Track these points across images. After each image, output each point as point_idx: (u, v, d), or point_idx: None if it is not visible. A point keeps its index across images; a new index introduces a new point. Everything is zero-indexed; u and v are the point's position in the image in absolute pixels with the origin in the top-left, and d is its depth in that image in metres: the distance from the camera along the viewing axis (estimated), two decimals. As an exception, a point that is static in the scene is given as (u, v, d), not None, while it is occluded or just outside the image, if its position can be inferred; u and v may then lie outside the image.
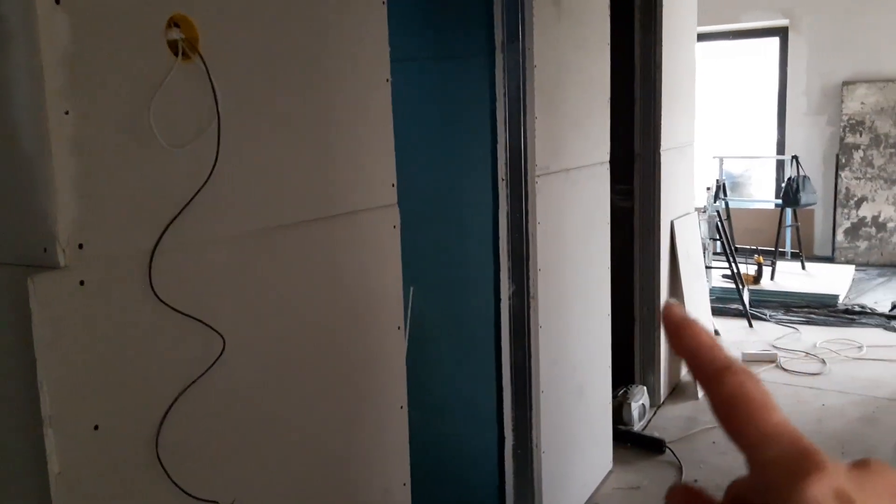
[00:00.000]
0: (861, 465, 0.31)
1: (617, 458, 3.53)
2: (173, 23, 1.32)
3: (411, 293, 2.95)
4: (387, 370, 1.89)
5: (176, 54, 1.32)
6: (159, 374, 1.33)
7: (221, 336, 1.36)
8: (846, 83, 7.39)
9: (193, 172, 1.35)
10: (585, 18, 3.02)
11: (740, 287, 5.61)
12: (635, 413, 3.87)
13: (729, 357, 0.33)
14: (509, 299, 2.73)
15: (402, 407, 1.93)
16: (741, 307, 5.62)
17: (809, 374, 4.58)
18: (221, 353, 1.36)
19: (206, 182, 1.35)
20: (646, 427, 3.93)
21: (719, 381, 0.32)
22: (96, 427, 1.23)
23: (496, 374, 2.80)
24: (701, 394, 4.25)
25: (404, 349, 1.92)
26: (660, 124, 3.98)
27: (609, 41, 3.25)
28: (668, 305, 0.35)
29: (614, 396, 3.71)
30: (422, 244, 2.85)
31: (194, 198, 1.34)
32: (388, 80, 1.83)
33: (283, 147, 1.54)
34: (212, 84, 1.36)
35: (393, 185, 1.87)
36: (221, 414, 1.45)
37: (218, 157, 1.36)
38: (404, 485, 1.95)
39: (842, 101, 7.40)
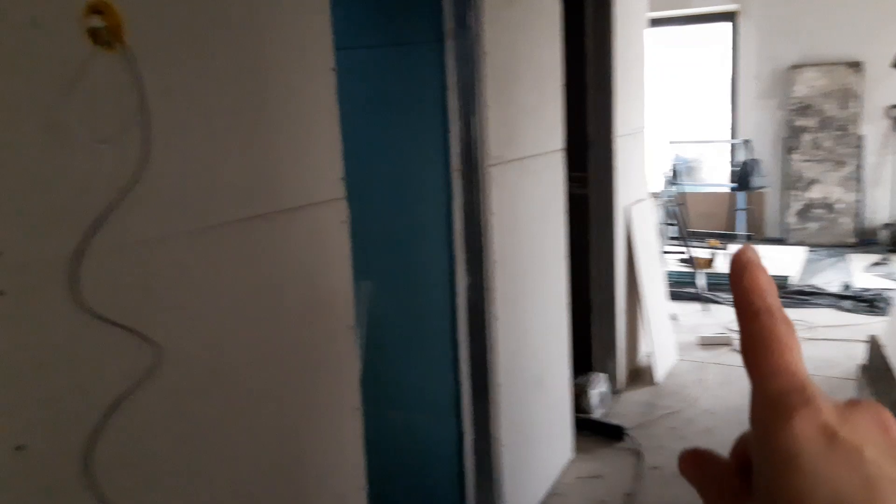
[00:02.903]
0: (852, 403, 0.31)
1: (577, 447, 3.52)
2: (94, 9, 1.22)
3: (364, 288, 2.89)
4: (338, 372, 1.82)
5: (97, 43, 1.23)
6: (90, 388, 1.25)
7: (157, 345, 1.28)
8: (795, 67, 7.49)
9: (121, 169, 1.26)
10: (536, 3, 2.96)
11: (696, 271, 5.66)
12: (594, 401, 3.86)
13: (773, 303, 0.34)
14: (465, 292, 2.67)
15: (355, 409, 1.86)
16: (697, 291, 5.67)
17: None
18: (158, 364, 1.28)
19: (134, 179, 1.27)
20: (606, 414, 3.92)
21: (752, 319, 0.33)
22: (20, 447, 1.14)
23: (454, 367, 2.75)
24: (657, 378, 4.27)
25: (356, 349, 1.85)
26: (613, 110, 3.96)
27: (561, 27, 3.20)
28: (743, 248, 0.36)
29: (574, 385, 3.70)
30: (375, 238, 2.78)
31: (123, 197, 1.25)
32: (333, 69, 1.76)
33: (219, 140, 1.46)
34: (138, 75, 1.26)
35: (341, 179, 1.80)
36: (160, 427, 1.37)
37: (147, 153, 1.27)
38: (360, 489, 1.89)
39: (791, 85, 7.50)
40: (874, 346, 2.80)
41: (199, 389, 1.43)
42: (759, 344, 0.33)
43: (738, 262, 0.35)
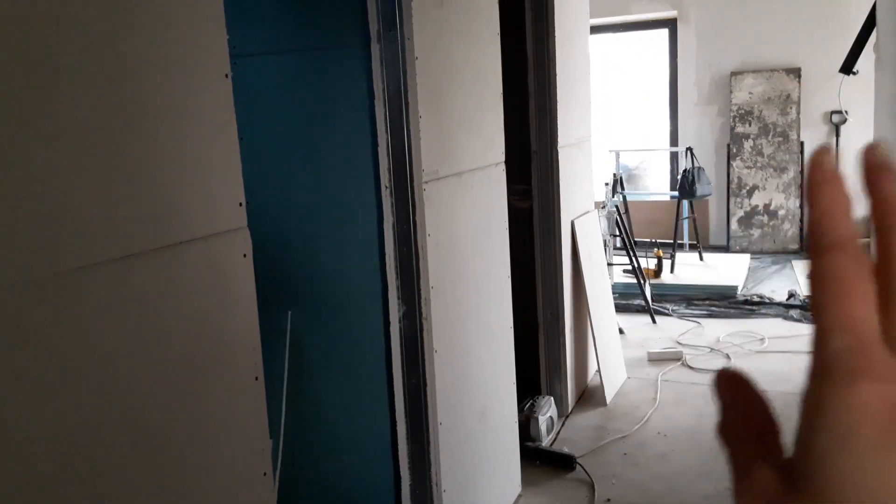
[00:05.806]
0: None
1: (525, 479, 3.28)
2: None
3: (289, 318, 2.61)
4: (241, 435, 1.53)
5: None
6: None
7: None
8: (734, 73, 7.46)
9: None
10: (471, 4, 2.73)
11: (642, 282, 5.50)
12: (543, 427, 3.63)
13: (847, 234, 0.28)
14: (399, 322, 2.41)
15: (265, 474, 1.58)
16: (644, 302, 5.51)
17: (716, 371, 4.47)
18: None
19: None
20: (554, 440, 3.70)
21: (821, 257, 0.28)
22: None
23: (389, 405, 2.48)
24: (607, 398, 4.06)
25: (263, 404, 1.57)
26: (556, 119, 3.76)
27: (499, 30, 2.97)
28: (820, 152, 0.29)
29: (520, 410, 3.46)
30: (298, 264, 2.51)
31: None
32: (227, 76, 1.48)
33: (72, 162, 1.17)
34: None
35: (241, 205, 1.52)
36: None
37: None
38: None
39: (731, 92, 7.47)
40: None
41: (39, 495, 1.13)
42: (824, 287, 0.27)
43: (816, 171, 0.28)
